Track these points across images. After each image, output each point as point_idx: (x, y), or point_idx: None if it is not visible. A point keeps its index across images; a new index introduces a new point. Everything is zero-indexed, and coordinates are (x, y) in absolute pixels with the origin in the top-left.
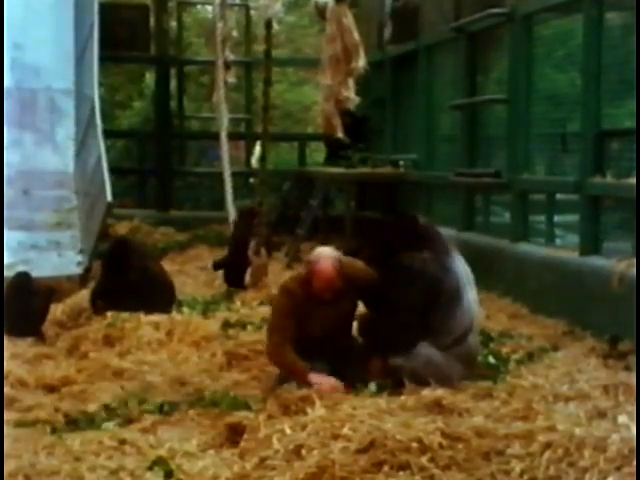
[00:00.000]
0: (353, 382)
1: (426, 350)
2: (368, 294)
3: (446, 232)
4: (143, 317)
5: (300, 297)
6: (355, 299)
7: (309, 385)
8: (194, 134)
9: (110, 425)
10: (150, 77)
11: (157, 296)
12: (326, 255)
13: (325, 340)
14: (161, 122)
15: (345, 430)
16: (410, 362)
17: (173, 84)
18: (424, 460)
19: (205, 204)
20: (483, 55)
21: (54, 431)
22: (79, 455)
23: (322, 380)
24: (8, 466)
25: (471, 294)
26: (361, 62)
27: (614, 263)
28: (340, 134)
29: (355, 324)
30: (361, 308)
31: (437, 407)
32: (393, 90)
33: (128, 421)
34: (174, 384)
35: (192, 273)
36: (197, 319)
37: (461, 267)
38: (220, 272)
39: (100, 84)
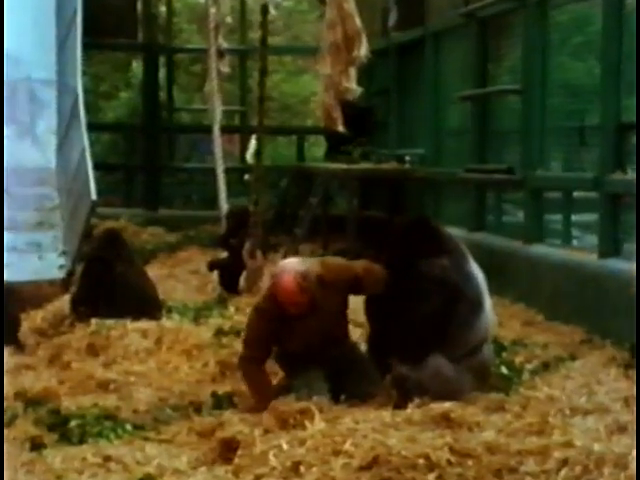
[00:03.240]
0: (353, 394)
1: (435, 361)
2: (374, 303)
3: (455, 233)
4: (130, 324)
5: (272, 314)
6: (341, 302)
7: (260, 409)
8: (185, 127)
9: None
10: (137, 66)
11: (145, 301)
12: (289, 269)
13: (318, 351)
14: (149, 114)
15: (347, 446)
16: (417, 372)
17: (162, 74)
18: (431, 478)
19: (196, 202)
20: (495, 42)
21: (34, 447)
22: (60, 473)
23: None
24: None
25: (487, 301)
26: (363, 50)
27: (635, 266)
28: (341, 127)
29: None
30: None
31: (445, 421)
32: (398, 80)
33: (113, 436)
34: (163, 396)
35: (183, 277)
36: (188, 326)
37: (477, 270)
38: (214, 275)
39: (84, 73)
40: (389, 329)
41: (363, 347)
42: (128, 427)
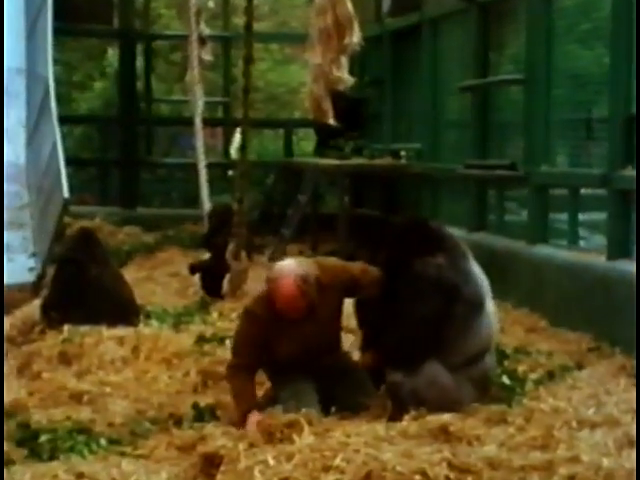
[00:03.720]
0: (344, 406)
1: (432, 368)
2: (366, 307)
3: (454, 233)
4: (105, 331)
5: (265, 320)
6: (337, 306)
7: (239, 425)
8: (164, 120)
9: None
10: (113, 54)
11: (122, 306)
12: (287, 271)
13: (309, 359)
14: (126, 106)
15: (337, 461)
16: (412, 380)
17: (140, 62)
18: None
19: (176, 200)
20: (496, 29)
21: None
22: None
23: (256, 426)
24: None
25: (490, 306)
26: (355, 37)
27: (636, 266)
28: (332, 120)
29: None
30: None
31: (443, 434)
32: (393, 69)
33: (87, 451)
34: (140, 408)
35: (162, 280)
36: (167, 333)
37: (479, 273)
38: (196, 278)
39: (55, 62)
40: (382, 334)
41: (356, 355)
42: (103, 442)
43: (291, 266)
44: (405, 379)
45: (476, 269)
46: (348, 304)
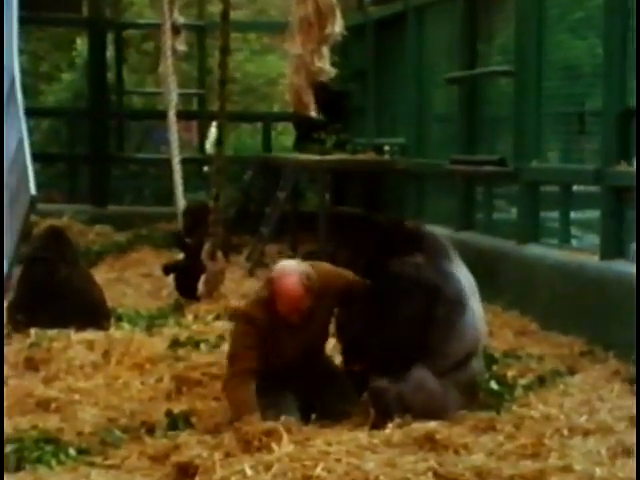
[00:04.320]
0: (325, 413)
1: (418, 373)
2: (346, 310)
3: (440, 232)
4: (74, 335)
5: (264, 323)
6: (330, 313)
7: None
8: (136, 113)
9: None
10: (82, 43)
11: (92, 308)
12: (291, 271)
13: (294, 367)
14: (96, 98)
15: (318, 470)
16: (397, 386)
17: (110, 52)
18: None
19: (149, 197)
20: (485, 18)
21: None
22: None
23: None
24: None
25: (476, 308)
26: (338, 27)
27: (636, 266)
28: (313, 113)
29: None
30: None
31: (429, 442)
32: (376, 60)
33: (55, 462)
34: (111, 416)
35: (134, 281)
36: (140, 337)
37: (464, 275)
38: (169, 279)
39: (21, 52)
40: (363, 338)
41: (337, 359)
42: (71, 451)
43: (293, 266)
44: (390, 385)
45: (460, 269)
46: None
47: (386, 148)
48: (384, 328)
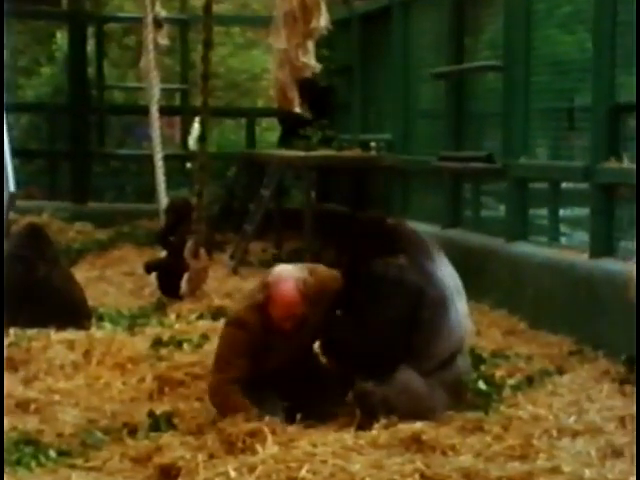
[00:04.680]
0: (311, 413)
1: (403, 374)
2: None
3: (427, 230)
4: (54, 334)
5: (256, 329)
6: (322, 317)
7: None
8: (117, 108)
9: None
10: (62, 37)
11: (72, 307)
12: (287, 276)
13: (281, 372)
14: (76, 93)
15: (303, 472)
16: (383, 388)
17: (91, 46)
18: None
19: (131, 194)
20: (472, 12)
21: None
22: None
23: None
24: None
25: (460, 306)
26: (323, 21)
27: (631, 267)
28: (297, 109)
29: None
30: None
31: (416, 443)
32: (362, 55)
33: (35, 464)
34: (92, 417)
35: (115, 280)
36: (121, 336)
37: (448, 274)
38: (152, 278)
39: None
40: (347, 339)
41: (323, 358)
42: (52, 453)
43: (290, 271)
44: (375, 388)
45: (443, 268)
46: None
47: (372, 144)
48: (368, 329)
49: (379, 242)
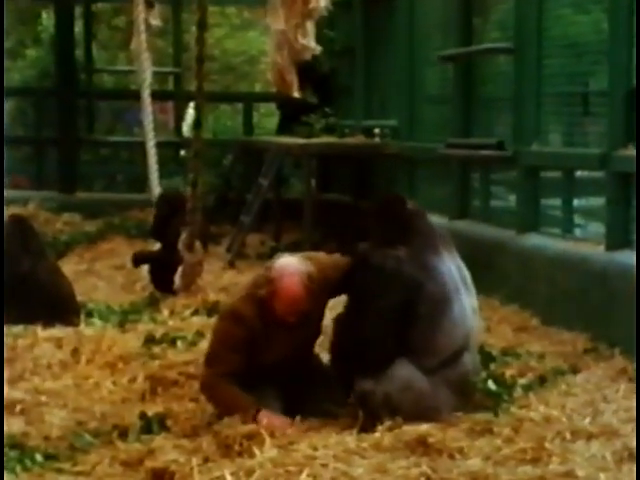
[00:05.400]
0: (314, 415)
1: (405, 371)
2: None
3: (434, 221)
4: (41, 331)
5: (255, 324)
6: (324, 308)
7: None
8: (107, 92)
9: None
10: (48, 17)
11: (60, 303)
12: (292, 270)
13: (280, 364)
14: (63, 76)
15: (303, 476)
16: (384, 386)
17: (79, 27)
18: None
19: (122, 183)
20: None
21: None
22: None
23: (272, 420)
24: None
25: (467, 302)
26: (323, 0)
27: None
28: (297, 93)
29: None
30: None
31: (421, 446)
32: (365, 36)
33: (20, 468)
34: (81, 419)
35: (105, 273)
36: (112, 333)
37: (452, 268)
38: (143, 271)
39: None
40: (348, 335)
41: (325, 357)
42: (38, 457)
43: (294, 264)
44: (376, 386)
45: (449, 262)
46: None
47: (376, 131)
48: (362, 324)
49: (388, 229)
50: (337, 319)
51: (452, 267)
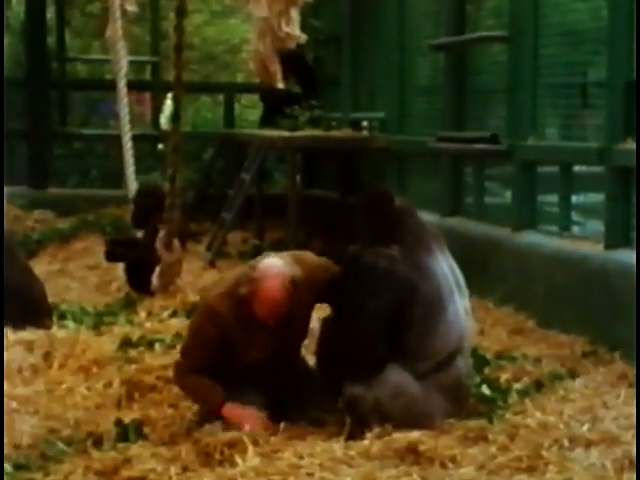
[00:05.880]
0: (299, 422)
1: (396, 376)
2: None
3: (425, 218)
4: (11, 334)
5: (230, 323)
6: (310, 310)
7: (224, 418)
8: (81, 82)
9: None
10: (18, 3)
11: (30, 304)
12: (276, 271)
13: (262, 368)
14: (34, 66)
15: None
16: (374, 392)
17: (50, 13)
18: None
19: (96, 179)
20: None
21: None
22: None
23: (243, 413)
24: None
25: (460, 303)
26: None
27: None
28: (280, 84)
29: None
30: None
31: (412, 454)
32: (352, 25)
33: None
34: (53, 426)
35: (79, 273)
36: (86, 336)
37: (445, 268)
38: (119, 271)
39: None
40: (336, 338)
41: (311, 360)
42: (7, 467)
43: (278, 266)
44: (366, 391)
45: (442, 262)
46: None
47: (364, 124)
48: (350, 328)
49: (377, 227)
50: (324, 320)
51: (444, 267)
